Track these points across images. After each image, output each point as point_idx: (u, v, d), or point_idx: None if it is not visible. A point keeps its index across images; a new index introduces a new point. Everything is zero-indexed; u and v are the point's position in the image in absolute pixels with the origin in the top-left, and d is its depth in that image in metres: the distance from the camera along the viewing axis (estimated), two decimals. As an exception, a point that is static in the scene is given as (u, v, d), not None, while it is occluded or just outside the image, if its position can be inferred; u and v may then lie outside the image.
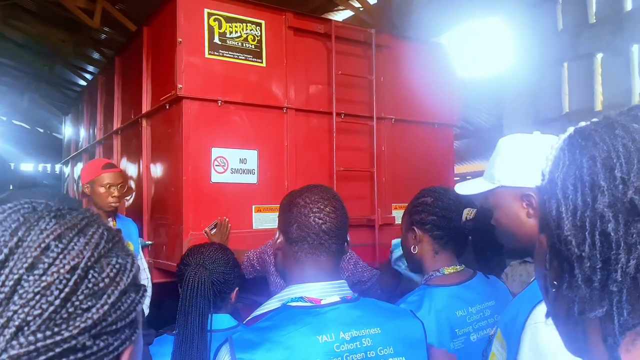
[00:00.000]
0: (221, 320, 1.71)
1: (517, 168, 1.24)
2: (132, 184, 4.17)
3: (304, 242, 1.27)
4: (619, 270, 0.53)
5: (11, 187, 21.30)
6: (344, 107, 3.93)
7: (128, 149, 4.41)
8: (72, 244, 0.56)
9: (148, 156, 3.87)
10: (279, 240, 1.33)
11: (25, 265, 0.53)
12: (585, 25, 5.07)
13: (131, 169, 4.23)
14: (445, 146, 4.68)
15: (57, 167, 22.29)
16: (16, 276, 0.52)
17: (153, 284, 3.46)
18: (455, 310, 1.62)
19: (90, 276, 0.56)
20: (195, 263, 1.71)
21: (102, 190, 2.88)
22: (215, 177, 3.37)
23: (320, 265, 1.27)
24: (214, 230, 3.32)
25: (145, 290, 0.64)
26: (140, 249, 3.16)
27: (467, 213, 1.63)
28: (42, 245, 0.55)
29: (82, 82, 14.72)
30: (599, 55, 5.00)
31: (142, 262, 3.14)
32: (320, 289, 1.24)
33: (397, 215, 4.23)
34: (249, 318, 1.64)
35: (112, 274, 0.58)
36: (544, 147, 1.17)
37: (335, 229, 1.28)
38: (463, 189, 1.40)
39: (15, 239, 0.55)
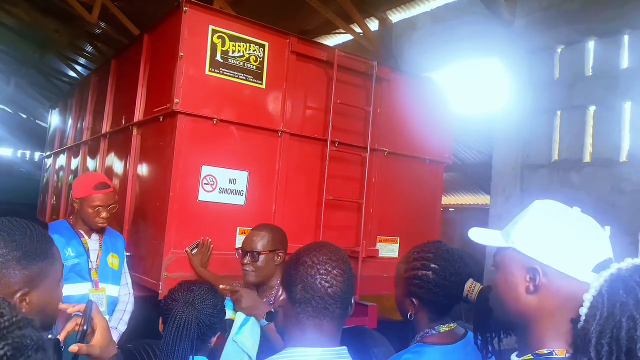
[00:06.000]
0: (198, 364, 1.65)
1: (536, 237, 1.13)
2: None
3: (308, 304, 1.21)
4: None
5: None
6: (339, 135, 3.90)
7: (114, 154, 4.32)
8: None
9: (135, 165, 3.79)
10: (281, 298, 1.28)
11: None
12: (581, 77, 5.17)
13: (115, 175, 4.14)
14: (434, 182, 4.68)
15: (37, 154, 21.87)
16: None
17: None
18: None
19: None
20: (184, 300, 1.66)
21: (90, 210, 2.78)
22: (203, 196, 3.31)
23: (322, 330, 1.22)
24: (195, 250, 3.25)
25: None
26: (125, 263, 3.07)
27: (469, 286, 1.58)
28: None
29: (72, 73, 14.53)
30: (592, 108, 5.09)
31: (127, 277, 3.05)
32: (320, 355, 1.19)
33: (381, 247, 4.21)
34: None
35: None
36: (574, 229, 1.10)
37: (342, 293, 1.23)
38: (476, 236, 1.26)
39: None
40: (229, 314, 2.07)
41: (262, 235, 2.37)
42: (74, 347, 1.27)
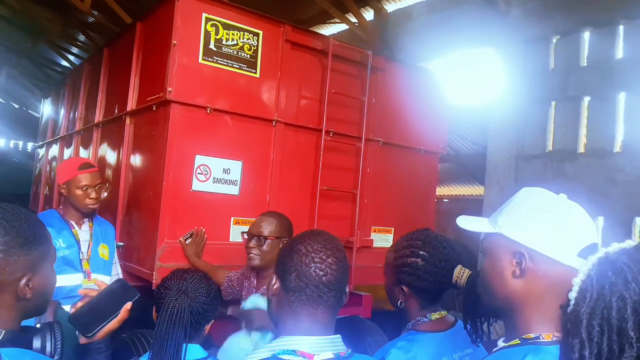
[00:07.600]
0: (192, 351, 1.64)
1: (523, 222, 1.14)
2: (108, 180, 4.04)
3: (302, 292, 1.20)
4: None
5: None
6: (334, 125, 3.89)
7: (107, 144, 4.28)
8: None
9: (128, 155, 3.76)
10: (275, 286, 1.26)
11: None
12: (576, 68, 5.16)
13: (108, 165, 4.11)
14: (429, 173, 4.68)
15: (30, 145, 21.71)
16: None
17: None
18: (441, 357, 1.64)
19: None
20: (177, 289, 1.65)
21: (79, 192, 2.73)
22: (197, 185, 3.29)
23: (316, 318, 1.21)
24: (189, 240, 3.23)
25: None
26: (115, 253, 3.05)
27: (458, 272, 1.59)
28: None
29: (65, 63, 14.38)
30: (587, 99, 5.08)
31: (117, 267, 3.03)
32: (313, 344, 1.18)
33: (376, 238, 4.21)
34: None
35: None
36: (561, 214, 1.12)
37: (336, 281, 1.22)
38: (464, 223, 1.28)
39: None
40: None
41: (270, 221, 2.43)
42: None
